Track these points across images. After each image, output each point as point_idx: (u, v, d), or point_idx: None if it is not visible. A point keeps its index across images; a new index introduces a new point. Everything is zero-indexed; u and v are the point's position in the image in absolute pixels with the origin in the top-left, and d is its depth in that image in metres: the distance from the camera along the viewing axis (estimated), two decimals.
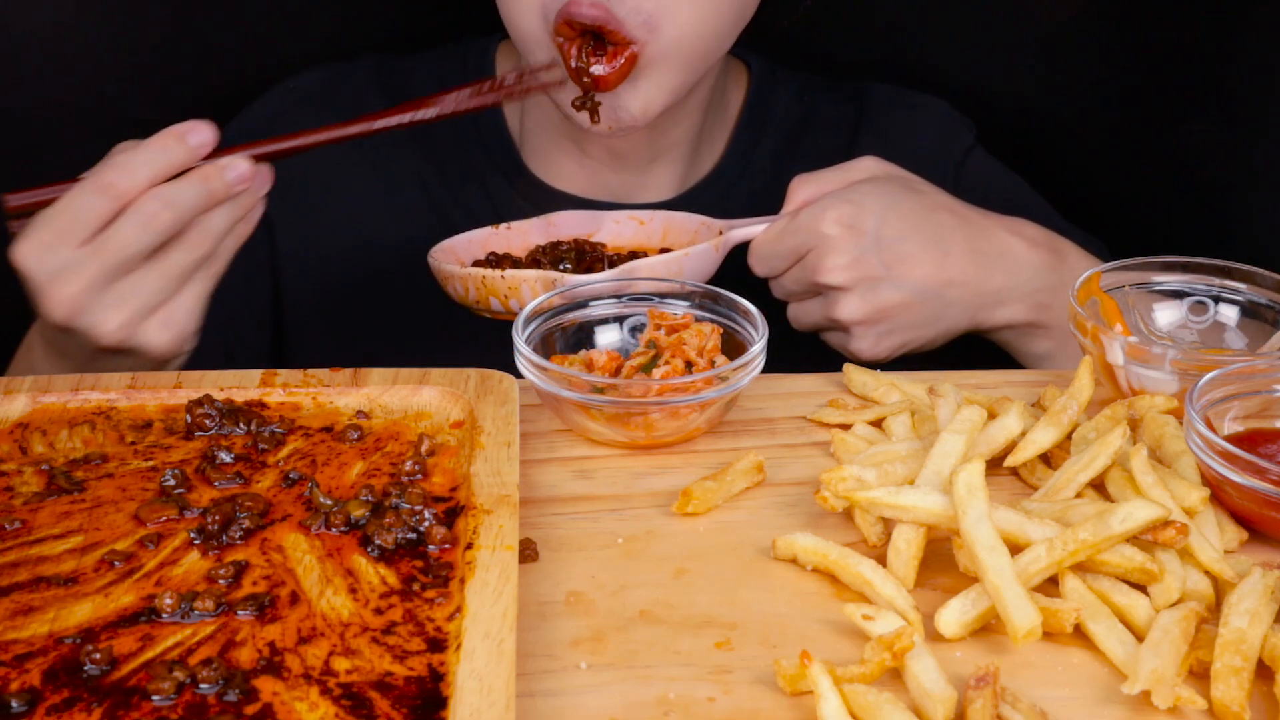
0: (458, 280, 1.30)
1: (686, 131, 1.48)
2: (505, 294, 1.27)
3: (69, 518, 0.95)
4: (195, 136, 1.13)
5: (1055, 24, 1.61)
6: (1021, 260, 1.33)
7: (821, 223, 1.28)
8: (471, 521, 0.92)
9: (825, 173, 1.34)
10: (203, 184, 1.13)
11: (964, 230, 1.32)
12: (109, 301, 1.12)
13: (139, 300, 1.13)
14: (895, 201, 1.30)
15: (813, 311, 1.33)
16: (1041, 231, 1.37)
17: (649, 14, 1.28)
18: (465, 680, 0.79)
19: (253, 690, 0.80)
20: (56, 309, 1.12)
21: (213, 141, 1.14)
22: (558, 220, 1.41)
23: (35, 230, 1.12)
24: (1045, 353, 1.37)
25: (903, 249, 1.29)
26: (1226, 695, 0.82)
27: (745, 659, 0.87)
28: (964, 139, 1.56)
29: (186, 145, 1.13)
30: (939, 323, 1.33)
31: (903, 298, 1.30)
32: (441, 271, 1.32)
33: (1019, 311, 1.34)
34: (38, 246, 1.11)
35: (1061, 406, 1.04)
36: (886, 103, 1.57)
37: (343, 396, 1.09)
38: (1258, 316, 1.18)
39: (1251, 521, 0.98)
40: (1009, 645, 0.87)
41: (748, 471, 1.04)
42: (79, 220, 1.11)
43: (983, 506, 0.90)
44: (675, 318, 1.15)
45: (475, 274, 1.28)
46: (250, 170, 1.15)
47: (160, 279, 1.13)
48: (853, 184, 1.32)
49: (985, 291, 1.32)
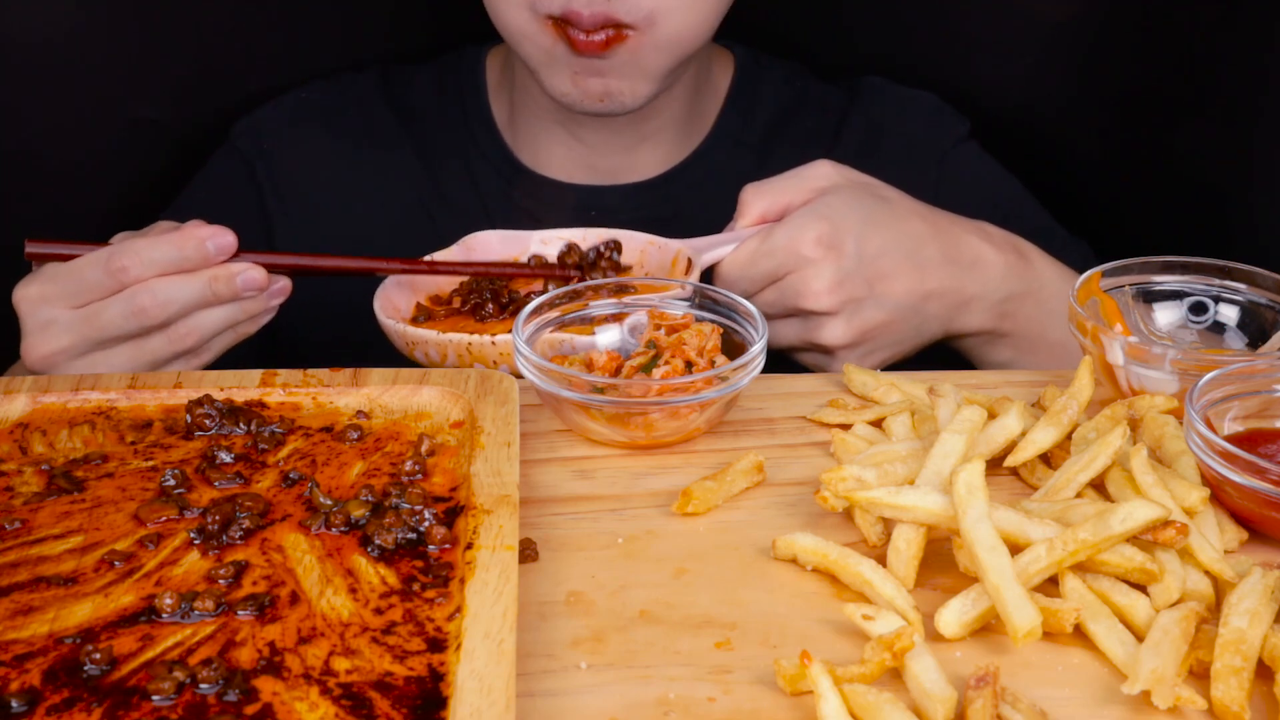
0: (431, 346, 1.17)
1: (675, 112, 1.50)
2: (495, 360, 1.17)
3: (69, 518, 0.95)
4: (215, 243, 1.17)
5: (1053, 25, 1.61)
6: (991, 265, 1.31)
7: (800, 244, 1.23)
8: (471, 521, 0.92)
9: (778, 181, 1.29)
10: (208, 286, 1.17)
11: (938, 240, 1.29)
12: (80, 366, 1.17)
13: (107, 371, 1.17)
14: (869, 214, 1.26)
15: (788, 334, 1.28)
16: (1004, 234, 1.34)
17: (648, 11, 1.31)
18: (465, 680, 0.79)
19: (253, 690, 0.80)
20: (32, 356, 1.18)
21: (233, 248, 1.18)
22: (475, 243, 1.32)
23: (39, 280, 1.18)
24: (1006, 361, 1.35)
25: (883, 265, 1.25)
26: (1226, 695, 0.82)
27: (745, 659, 0.87)
28: (954, 132, 1.56)
29: (204, 252, 1.17)
30: (917, 337, 1.31)
31: (885, 317, 1.27)
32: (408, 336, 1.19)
33: (985, 319, 1.32)
34: (37, 297, 1.17)
35: (1061, 406, 1.04)
36: (878, 92, 1.58)
37: (343, 396, 1.09)
38: (1258, 316, 1.18)
39: (1251, 521, 0.98)
40: (1009, 645, 0.87)
41: (748, 471, 1.04)
42: (80, 287, 1.16)
43: (983, 506, 0.90)
44: (675, 318, 1.15)
45: (457, 340, 1.16)
46: (262, 280, 1.18)
47: (133, 361, 1.18)
48: (817, 194, 1.27)
49: (959, 302, 1.30)
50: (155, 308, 1.15)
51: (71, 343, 1.16)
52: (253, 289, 1.18)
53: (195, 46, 1.60)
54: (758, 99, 1.56)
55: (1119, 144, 1.62)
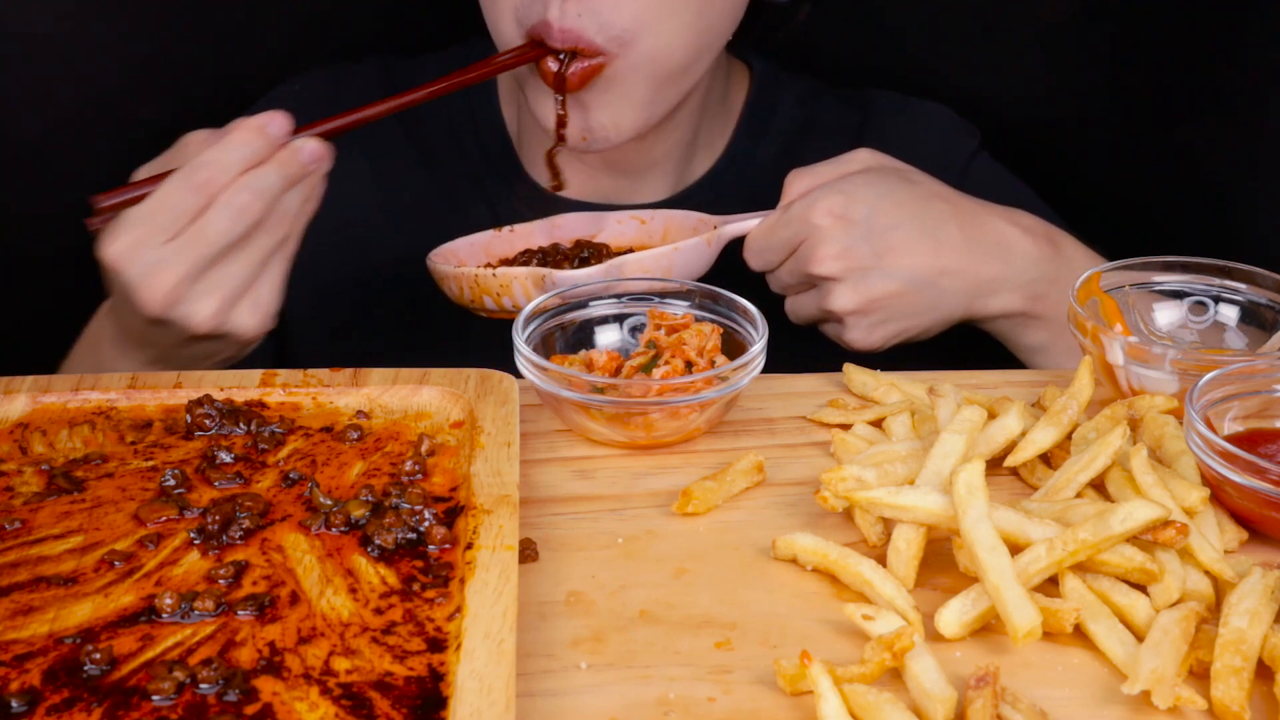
0: (451, 280, 1.32)
1: (683, 136, 1.48)
2: (498, 292, 1.28)
3: (69, 518, 0.95)
4: (274, 127, 1.17)
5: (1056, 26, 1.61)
6: (1017, 249, 1.33)
7: (812, 213, 1.29)
8: (471, 521, 0.92)
9: (821, 166, 1.34)
10: (282, 169, 1.16)
11: (958, 219, 1.32)
12: (201, 291, 1.15)
13: (229, 287, 1.16)
14: (888, 191, 1.31)
15: (808, 304, 1.33)
16: (1038, 221, 1.36)
17: (621, 29, 1.28)
18: (465, 680, 0.79)
19: (253, 690, 0.80)
20: (152, 303, 1.14)
21: (289, 130, 1.18)
22: (561, 222, 1.42)
23: (126, 229, 1.15)
24: (1039, 344, 1.37)
25: (894, 238, 1.29)
26: (1226, 695, 0.82)
27: (745, 659, 0.87)
28: (968, 145, 1.56)
29: (268, 136, 1.17)
30: (933, 311, 1.33)
31: (895, 287, 1.30)
32: (437, 272, 1.34)
33: (1014, 301, 1.34)
34: (130, 244, 1.14)
35: (1061, 406, 1.04)
36: (889, 109, 1.57)
37: (343, 396, 1.09)
38: (1258, 316, 1.18)
39: (1251, 521, 0.98)
40: (1009, 645, 0.87)
41: (748, 471, 1.04)
42: (173, 216, 1.14)
43: (983, 506, 0.90)
44: (675, 318, 1.15)
45: (468, 273, 1.30)
46: (322, 149, 1.19)
47: (247, 264, 1.17)
48: (846, 175, 1.32)
49: (980, 280, 1.32)
50: (257, 202, 1.14)
51: (184, 271, 1.14)
52: (315, 161, 1.18)
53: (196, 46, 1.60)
54: (772, 120, 1.54)
55: (1119, 144, 1.62)
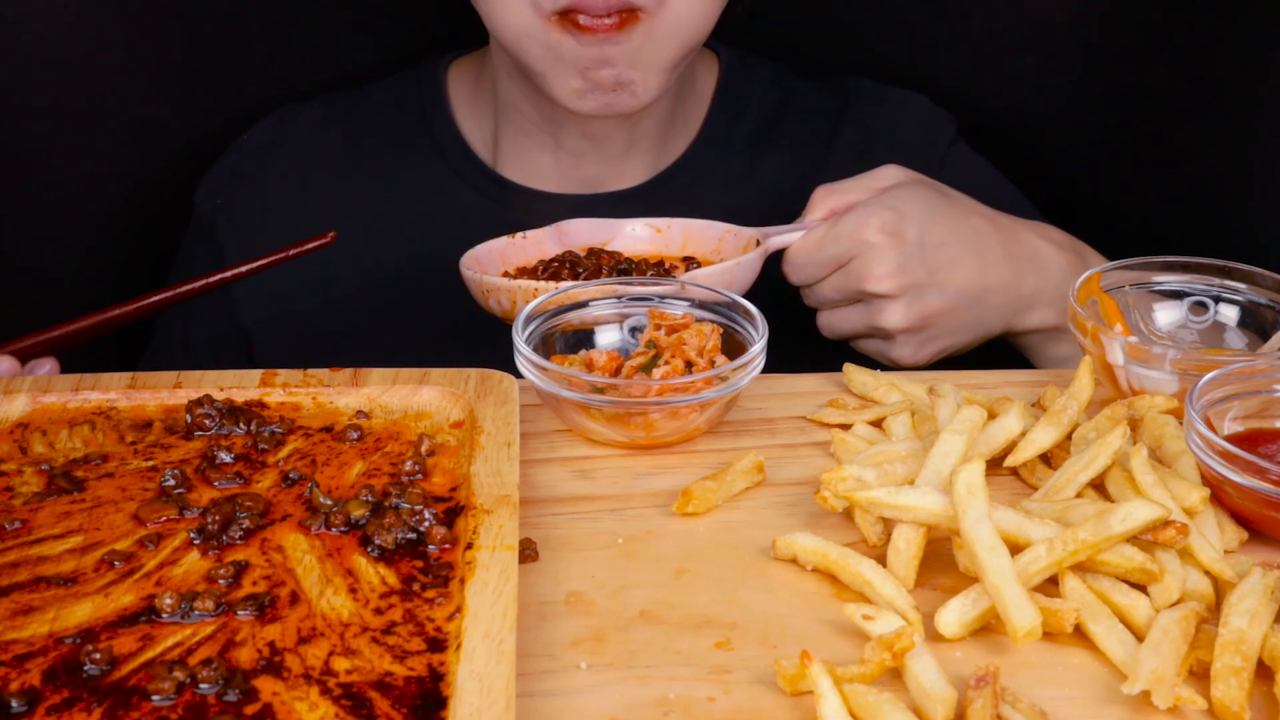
0: (503, 293, 1.25)
1: (660, 117, 1.49)
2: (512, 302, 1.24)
3: (69, 518, 0.95)
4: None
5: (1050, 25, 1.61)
6: (1051, 263, 1.35)
7: (865, 230, 1.29)
8: (471, 521, 0.92)
9: (850, 182, 1.35)
10: None
11: (998, 235, 1.34)
12: None
13: None
14: (933, 207, 1.32)
15: (852, 319, 1.33)
16: (1065, 235, 1.39)
17: None
18: (465, 680, 0.79)
19: (253, 690, 0.80)
20: None
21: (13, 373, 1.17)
22: (569, 228, 1.39)
23: None
24: (1066, 356, 1.39)
25: (945, 255, 1.31)
26: (1226, 695, 0.82)
27: (745, 659, 0.87)
28: (946, 132, 1.57)
29: None
30: (977, 327, 1.35)
31: (946, 304, 1.31)
32: (484, 284, 1.27)
33: (1049, 315, 1.36)
34: None
35: (1061, 406, 1.04)
36: (868, 95, 1.58)
37: (343, 396, 1.09)
38: (1258, 316, 1.18)
39: (1251, 521, 0.98)
40: (1009, 645, 0.87)
41: (748, 471, 1.04)
42: None
43: (983, 506, 0.90)
44: (675, 318, 1.15)
45: (525, 286, 1.23)
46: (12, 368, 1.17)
47: None
48: (884, 191, 1.33)
49: (1021, 296, 1.35)
50: None
51: None
52: None
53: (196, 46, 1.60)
54: (745, 101, 1.55)
55: (1118, 144, 1.62)
